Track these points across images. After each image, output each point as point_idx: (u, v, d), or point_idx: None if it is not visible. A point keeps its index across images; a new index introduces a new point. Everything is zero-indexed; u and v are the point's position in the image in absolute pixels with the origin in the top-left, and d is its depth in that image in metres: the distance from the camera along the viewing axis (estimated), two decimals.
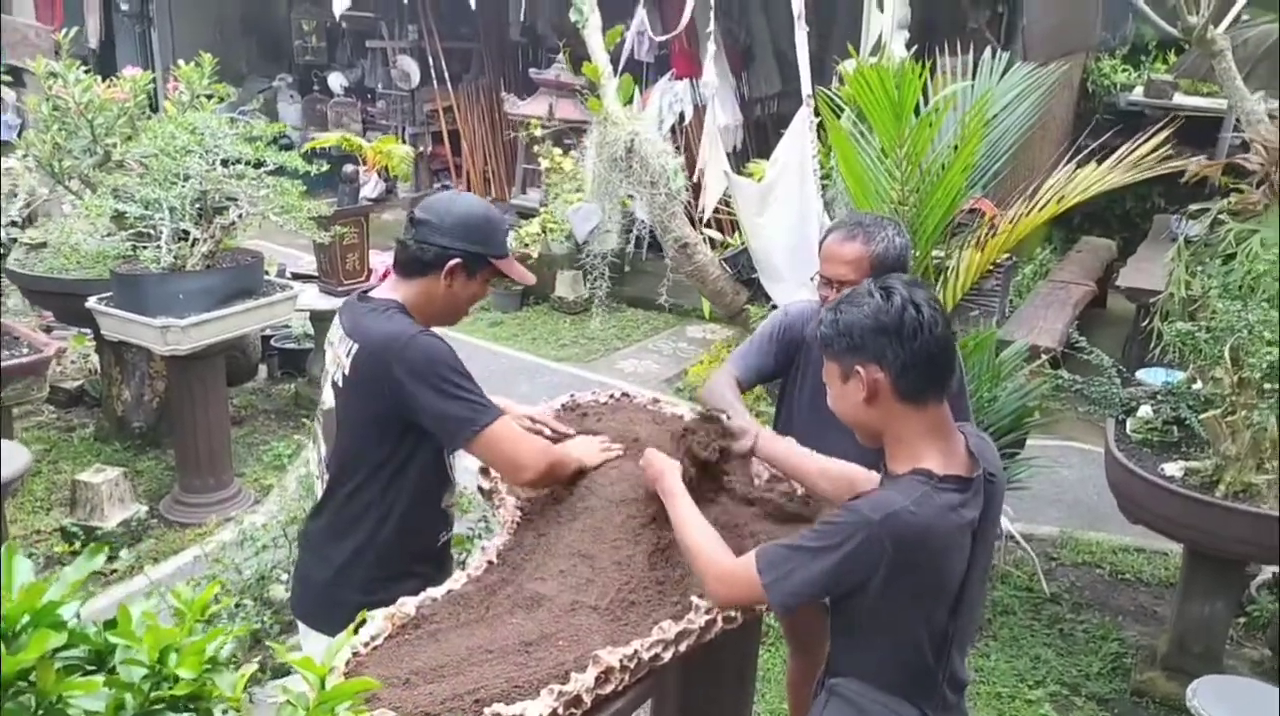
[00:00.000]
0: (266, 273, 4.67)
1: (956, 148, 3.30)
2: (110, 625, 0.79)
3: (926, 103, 3.46)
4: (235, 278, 4.14)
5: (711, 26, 4.18)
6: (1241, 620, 3.83)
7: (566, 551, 1.96)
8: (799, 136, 3.51)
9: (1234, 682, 2.96)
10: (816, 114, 3.53)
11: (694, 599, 1.80)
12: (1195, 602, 3.43)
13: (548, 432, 2.27)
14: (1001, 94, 3.49)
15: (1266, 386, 2.87)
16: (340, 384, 2.04)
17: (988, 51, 3.68)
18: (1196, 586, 3.41)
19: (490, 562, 1.93)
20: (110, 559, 3.90)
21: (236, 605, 2.77)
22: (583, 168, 4.07)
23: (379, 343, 1.96)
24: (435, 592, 1.82)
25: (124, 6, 10.29)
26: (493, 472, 2.27)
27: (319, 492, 2.19)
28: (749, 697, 2.59)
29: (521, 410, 2.34)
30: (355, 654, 1.66)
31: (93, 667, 0.78)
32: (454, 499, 2.25)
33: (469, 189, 10.65)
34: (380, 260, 5.64)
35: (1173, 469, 3.22)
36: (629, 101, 4.05)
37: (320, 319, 5.41)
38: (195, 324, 3.87)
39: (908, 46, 4.95)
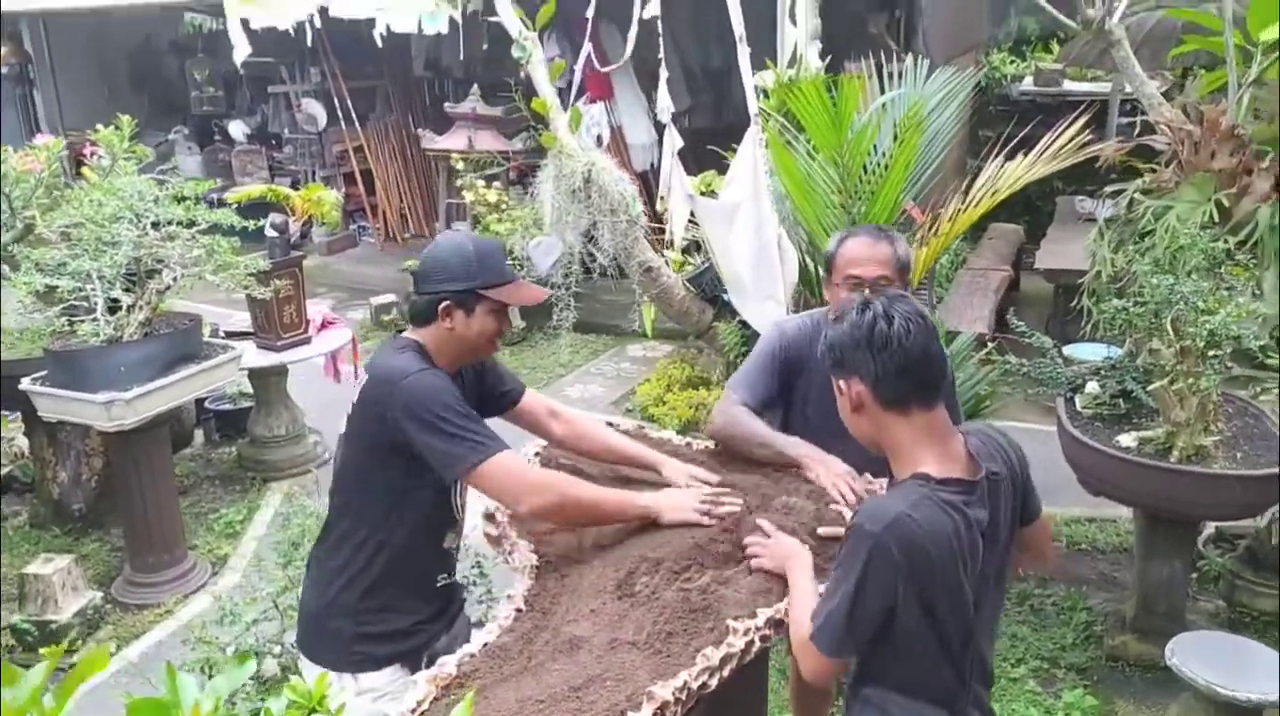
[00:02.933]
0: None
1: (893, 154, 3.42)
2: None
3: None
4: (175, 343, 4.00)
5: (662, 52, 4.24)
6: (1194, 576, 4.03)
7: (592, 590, 1.96)
8: (749, 154, 3.60)
9: (1208, 638, 3.11)
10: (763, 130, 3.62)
11: (730, 622, 1.82)
12: (1155, 565, 3.60)
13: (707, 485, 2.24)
14: (928, 98, 3.63)
15: (1210, 353, 3.03)
16: (350, 413, 2.12)
17: (910, 59, 3.83)
18: (1155, 549, 3.58)
19: (519, 611, 1.91)
20: (70, 652, 3.72)
21: None
22: (539, 202, 4.09)
23: (381, 377, 2.05)
24: (471, 648, 1.80)
25: (2, 70, 9.85)
26: (499, 518, 2.26)
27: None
28: (764, 707, 2.63)
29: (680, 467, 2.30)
30: None
31: None
32: (459, 540, 2.24)
33: (385, 228, 10.50)
34: (316, 310, 5.52)
35: (1127, 440, 3.38)
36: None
37: (260, 376, 5.27)
38: (140, 396, 3.73)
39: (821, 57, 5.09)
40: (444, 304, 2.05)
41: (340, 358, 5.55)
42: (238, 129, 10.20)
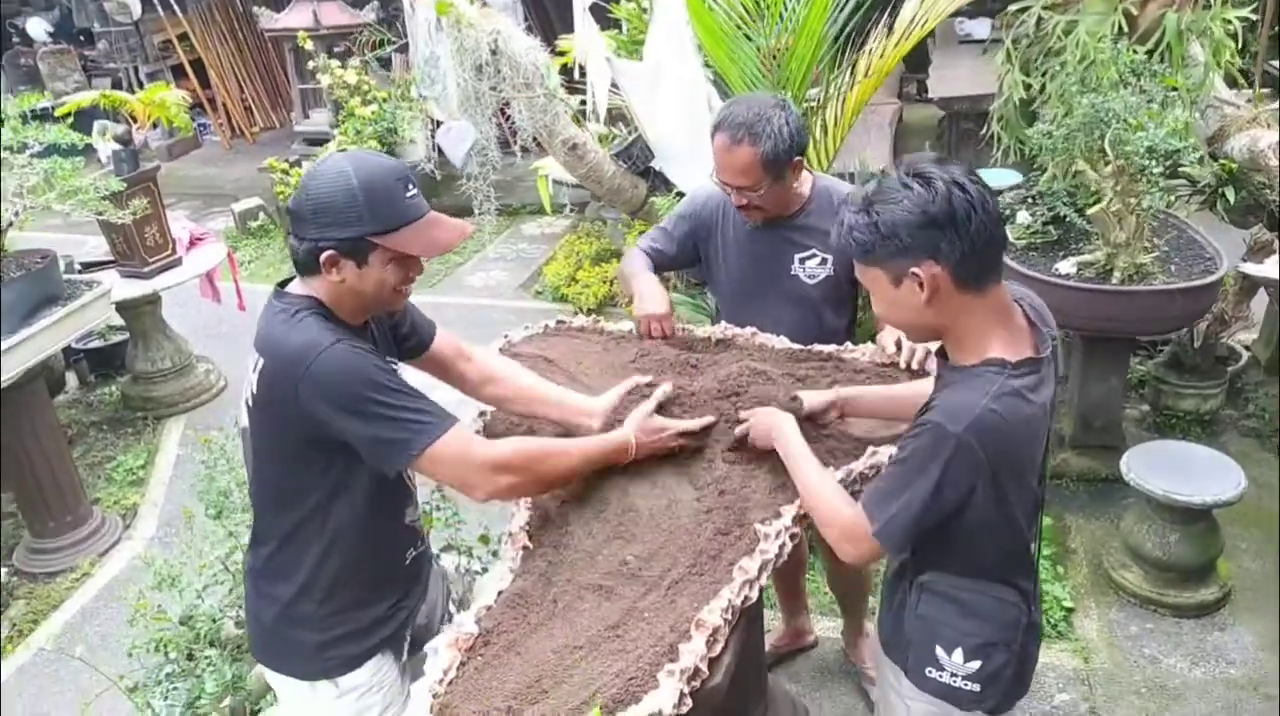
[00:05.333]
0: None
1: None
2: None
3: None
4: (34, 285, 3.51)
5: None
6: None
7: (603, 508, 1.79)
8: (669, 6, 3.24)
9: (1156, 448, 3.20)
10: None
11: (757, 527, 1.70)
12: (1093, 384, 3.69)
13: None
14: None
15: (1155, 169, 2.98)
16: (251, 404, 1.71)
17: None
18: (1094, 369, 3.66)
19: (526, 547, 1.74)
20: None
21: (189, 656, 2.43)
22: (424, 77, 3.63)
23: (285, 360, 1.62)
24: (487, 599, 1.62)
25: None
26: None
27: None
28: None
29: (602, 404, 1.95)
30: (434, 696, 1.45)
31: None
32: (419, 513, 1.94)
33: (229, 123, 9.59)
34: (181, 226, 4.97)
35: (1066, 267, 3.37)
36: None
37: (131, 308, 4.75)
38: (9, 349, 3.27)
39: None
40: (326, 254, 1.62)
41: (216, 275, 5.07)
42: (37, 27, 8.96)
